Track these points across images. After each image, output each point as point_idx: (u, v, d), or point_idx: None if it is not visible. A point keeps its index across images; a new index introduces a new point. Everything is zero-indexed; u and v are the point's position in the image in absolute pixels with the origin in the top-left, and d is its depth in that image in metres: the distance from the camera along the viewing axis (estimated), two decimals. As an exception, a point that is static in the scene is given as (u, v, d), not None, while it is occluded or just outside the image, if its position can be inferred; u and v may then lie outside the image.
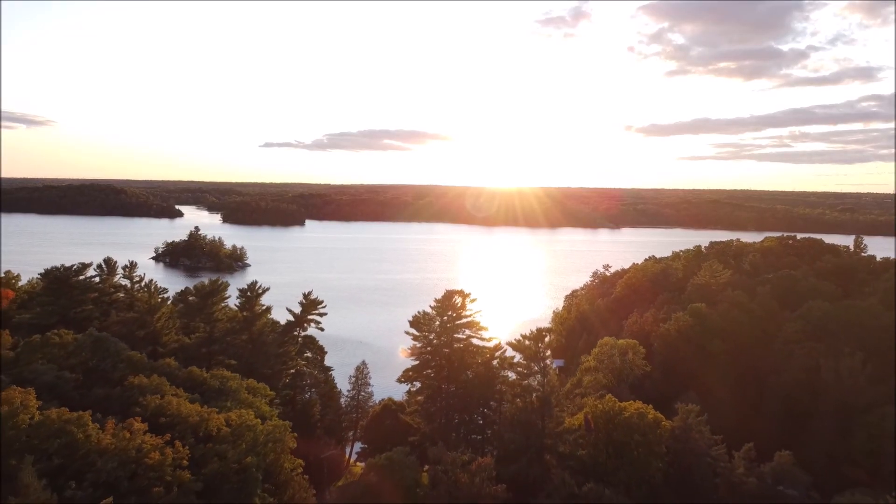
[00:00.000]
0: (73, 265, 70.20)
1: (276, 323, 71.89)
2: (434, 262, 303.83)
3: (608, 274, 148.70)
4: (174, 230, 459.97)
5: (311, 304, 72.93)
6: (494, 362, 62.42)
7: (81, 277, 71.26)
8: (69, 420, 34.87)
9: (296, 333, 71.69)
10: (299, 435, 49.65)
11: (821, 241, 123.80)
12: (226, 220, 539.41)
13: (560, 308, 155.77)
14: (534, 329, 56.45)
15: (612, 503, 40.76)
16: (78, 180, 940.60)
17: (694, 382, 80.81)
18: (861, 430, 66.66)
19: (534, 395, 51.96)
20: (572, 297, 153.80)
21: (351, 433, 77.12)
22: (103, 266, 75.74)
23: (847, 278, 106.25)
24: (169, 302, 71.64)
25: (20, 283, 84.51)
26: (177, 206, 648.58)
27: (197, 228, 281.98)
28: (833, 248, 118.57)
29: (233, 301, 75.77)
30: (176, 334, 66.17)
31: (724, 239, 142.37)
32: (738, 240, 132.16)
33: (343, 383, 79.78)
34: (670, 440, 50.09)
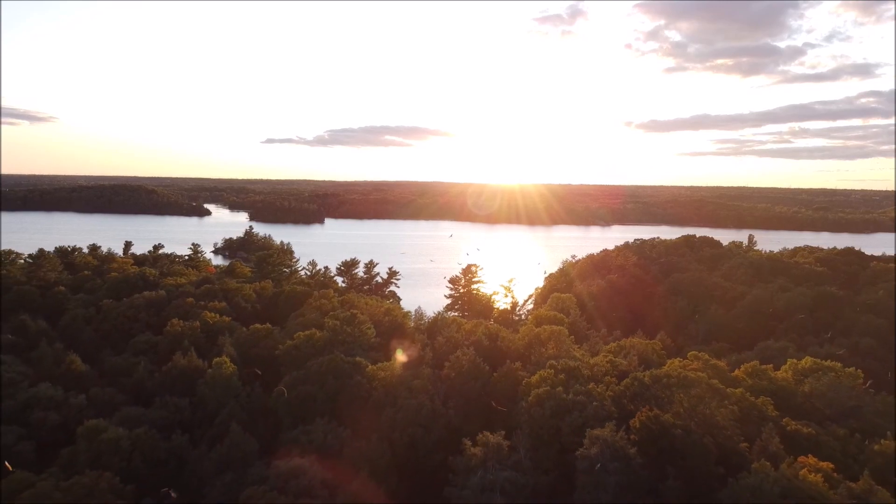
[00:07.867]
0: (271, 251, 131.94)
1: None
2: (441, 255, 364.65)
3: (573, 262, 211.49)
4: (205, 227, 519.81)
5: (392, 274, 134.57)
6: (492, 299, 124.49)
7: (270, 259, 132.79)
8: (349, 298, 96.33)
9: (385, 289, 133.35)
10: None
11: (711, 238, 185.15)
12: (252, 218, 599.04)
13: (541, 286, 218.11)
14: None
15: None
16: (82, 177, 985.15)
17: (604, 320, 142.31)
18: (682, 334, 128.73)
19: (507, 307, 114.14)
20: (549, 278, 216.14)
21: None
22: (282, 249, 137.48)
23: (715, 262, 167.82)
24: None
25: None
26: (205, 206, 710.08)
27: (251, 227, 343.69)
28: (716, 243, 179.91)
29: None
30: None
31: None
32: (658, 237, 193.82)
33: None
34: (569, 327, 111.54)
